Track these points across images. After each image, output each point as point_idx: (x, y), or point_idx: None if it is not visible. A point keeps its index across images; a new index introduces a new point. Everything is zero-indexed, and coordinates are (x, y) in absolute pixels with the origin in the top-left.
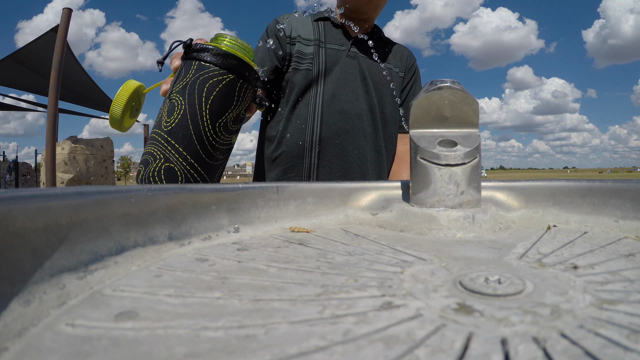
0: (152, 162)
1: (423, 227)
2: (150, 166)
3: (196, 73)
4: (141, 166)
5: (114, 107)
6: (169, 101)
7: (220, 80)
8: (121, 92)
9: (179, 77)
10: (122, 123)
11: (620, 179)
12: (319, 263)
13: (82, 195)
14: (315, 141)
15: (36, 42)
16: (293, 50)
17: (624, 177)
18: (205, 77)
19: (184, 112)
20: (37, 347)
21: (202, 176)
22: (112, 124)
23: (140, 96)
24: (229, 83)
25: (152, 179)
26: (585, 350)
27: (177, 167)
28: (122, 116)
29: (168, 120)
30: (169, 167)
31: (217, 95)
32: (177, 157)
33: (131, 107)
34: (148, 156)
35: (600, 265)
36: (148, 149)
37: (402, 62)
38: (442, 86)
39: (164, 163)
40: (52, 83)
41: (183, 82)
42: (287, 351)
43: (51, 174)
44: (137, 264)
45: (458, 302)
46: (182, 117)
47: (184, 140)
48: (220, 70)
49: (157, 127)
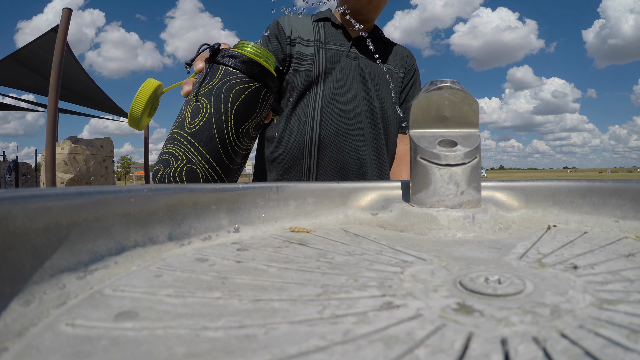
0: (173, 162)
1: (423, 227)
2: (172, 166)
3: (223, 78)
4: (160, 165)
5: (134, 106)
6: (194, 103)
7: (246, 87)
8: (142, 91)
9: (205, 80)
10: (141, 121)
11: (620, 179)
12: (319, 263)
13: (82, 195)
14: (315, 141)
15: (36, 42)
16: (293, 51)
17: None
18: (232, 83)
19: (209, 115)
20: (37, 347)
21: (222, 179)
22: (130, 123)
23: (158, 95)
24: (254, 91)
25: (172, 179)
26: (585, 350)
27: (200, 169)
28: (141, 115)
29: (192, 122)
30: (191, 168)
31: (242, 102)
32: (200, 160)
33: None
34: (168, 156)
35: (600, 265)
36: (168, 148)
37: (402, 63)
38: (442, 86)
39: (186, 164)
40: (52, 83)
41: (209, 86)
42: (287, 351)
43: (51, 174)
44: (137, 264)
45: (458, 302)
46: (207, 121)
47: (207, 143)
48: (246, 78)
49: (179, 128)
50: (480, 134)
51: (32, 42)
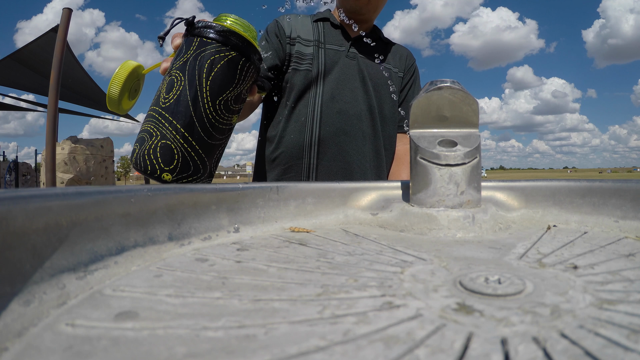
0: (147, 139)
1: (423, 227)
2: (146, 144)
3: (198, 49)
4: (136, 145)
5: (111, 87)
6: (168, 78)
7: (222, 57)
8: (119, 72)
9: (180, 53)
10: (120, 104)
11: (620, 179)
12: (319, 263)
13: (82, 195)
14: (315, 141)
15: (36, 42)
16: (293, 51)
17: (624, 177)
18: (207, 53)
19: (183, 87)
20: (37, 347)
21: (200, 155)
22: (109, 105)
23: (139, 77)
24: (231, 60)
25: (147, 157)
26: (585, 350)
27: (174, 144)
28: (119, 97)
29: (166, 97)
30: (165, 144)
31: (219, 72)
32: (175, 134)
33: (129, 88)
34: (144, 134)
35: (600, 265)
36: (144, 127)
37: (402, 63)
38: (442, 86)
39: (160, 140)
40: (52, 83)
41: (184, 58)
42: (287, 351)
43: (51, 174)
44: (137, 264)
45: (458, 302)
46: (181, 93)
47: (182, 116)
48: (222, 47)
49: (155, 105)
50: (480, 134)
51: (32, 42)
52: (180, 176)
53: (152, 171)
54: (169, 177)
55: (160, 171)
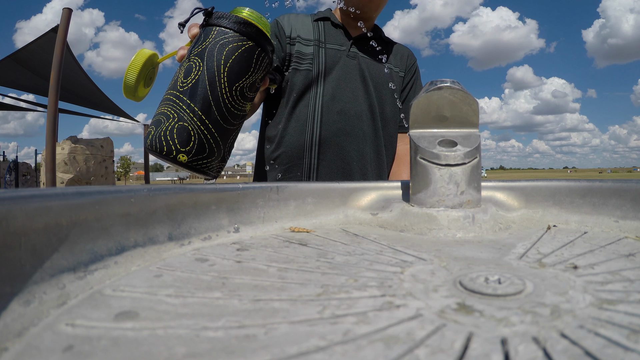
0: (164, 121)
1: (423, 227)
2: (162, 125)
3: (216, 37)
4: (152, 127)
5: (128, 75)
6: (187, 63)
7: (239, 45)
8: (135, 60)
9: (198, 41)
10: (136, 92)
11: (620, 179)
12: (319, 263)
13: (82, 195)
14: (315, 141)
15: (36, 43)
16: (293, 51)
17: (624, 177)
18: (224, 42)
19: (202, 73)
20: (37, 347)
21: (216, 139)
22: (125, 93)
23: (154, 65)
24: (247, 49)
25: (162, 139)
26: (585, 350)
27: (191, 126)
28: (136, 84)
29: (184, 81)
30: (182, 125)
31: (236, 60)
32: (192, 117)
33: (145, 76)
34: (161, 116)
35: (600, 265)
36: (161, 109)
37: (403, 62)
38: (442, 86)
39: (178, 122)
40: (52, 83)
41: (202, 46)
42: (287, 351)
43: (51, 174)
44: (137, 264)
45: (458, 302)
46: (199, 78)
47: (200, 99)
48: (240, 37)
49: (172, 88)
50: (480, 134)
51: (32, 42)
52: (195, 157)
53: (167, 152)
54: (185, 159)
55: (176, 152)
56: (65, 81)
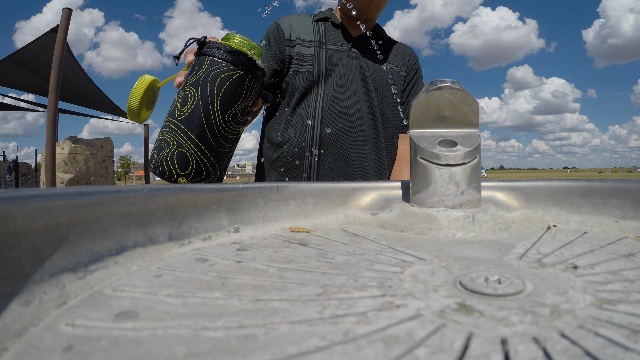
0: (165, 147)
1: (423, 227)
2: (164, 152)
3: (209, 68)
4: (155, 152)
5: (131, 101)
6: (183, 93)
7: (230, 75)
8: (137, 86)
9: (193, 71)
10: (140, 115)
11: (620, 179)
12: (319, 263)
13: (82, 195)
14: (316, 142)
15: (36, 43)
16: (293, 53)
17: (624, 177)
18: (217, 72)
19: (197, 103)
20: (37, 347)
21: (212, 162)
22: (130, 116)
23: (155, 89)
24: (238, 78)
25: (165, 164)
26: (585, 350)
27: (189, 152)
28: (139, 108)
29: (182, 110)
30: (181, 152)
31: (228, 89)
32: (189, 144)
33: (147, 100)
34: (162, 142)
35: (600, 265)
36: (162, 136)
37: (404, 61)
38: (442, 86)
39: (177, 149)
40: (52, 83)
41: (197, 76)
42: (287, 351)
43: (51, 174)
44: (137, 264)
45: (458, 302)
46: (195, 108)
47: (196, 128)
48: (230, 66)
49: (171, 116)
50: (480, 134)
51: (32, 42)
52: (194, 180)
53: (169, 175)
54: (185, 181)
55: (177, 176)
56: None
